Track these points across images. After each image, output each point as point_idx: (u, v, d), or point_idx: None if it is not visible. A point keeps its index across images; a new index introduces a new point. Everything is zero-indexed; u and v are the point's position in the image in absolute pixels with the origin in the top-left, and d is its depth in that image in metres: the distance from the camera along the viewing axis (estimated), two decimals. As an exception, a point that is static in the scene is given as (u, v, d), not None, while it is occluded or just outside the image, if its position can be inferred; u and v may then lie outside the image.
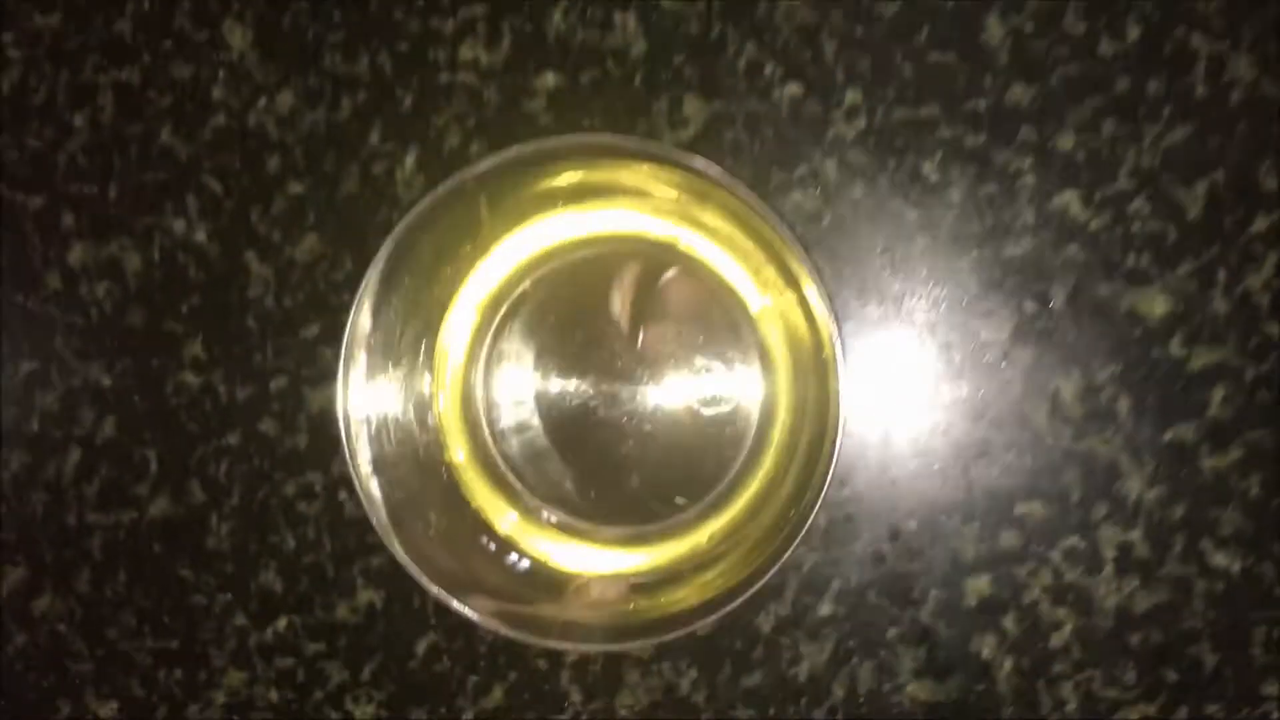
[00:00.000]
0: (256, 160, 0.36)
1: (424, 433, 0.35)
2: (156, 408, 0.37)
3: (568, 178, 0.33)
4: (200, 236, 0.37)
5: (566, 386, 0.35)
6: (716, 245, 0.34)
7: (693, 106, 0.35)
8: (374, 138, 0.36)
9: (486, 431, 0.36)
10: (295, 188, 0.36)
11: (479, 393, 0.36)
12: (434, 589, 0.32)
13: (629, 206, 0.34)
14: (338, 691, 0.37)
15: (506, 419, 0.36)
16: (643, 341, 0.35)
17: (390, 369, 0.34)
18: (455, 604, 0.32)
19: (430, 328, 0.35)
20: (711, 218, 0.34)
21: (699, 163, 0.30)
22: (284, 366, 0.37)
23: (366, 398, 0.33)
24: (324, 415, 0.37)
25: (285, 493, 0.37)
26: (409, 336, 0.34)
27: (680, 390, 0.35)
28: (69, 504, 0.38)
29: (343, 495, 0.37)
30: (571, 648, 0.35)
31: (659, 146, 0.31)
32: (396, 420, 0.34)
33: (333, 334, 0.36)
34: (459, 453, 0.35)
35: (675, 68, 0.35)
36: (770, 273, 0.34)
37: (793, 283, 0.33)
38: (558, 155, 0.31)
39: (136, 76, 0.37)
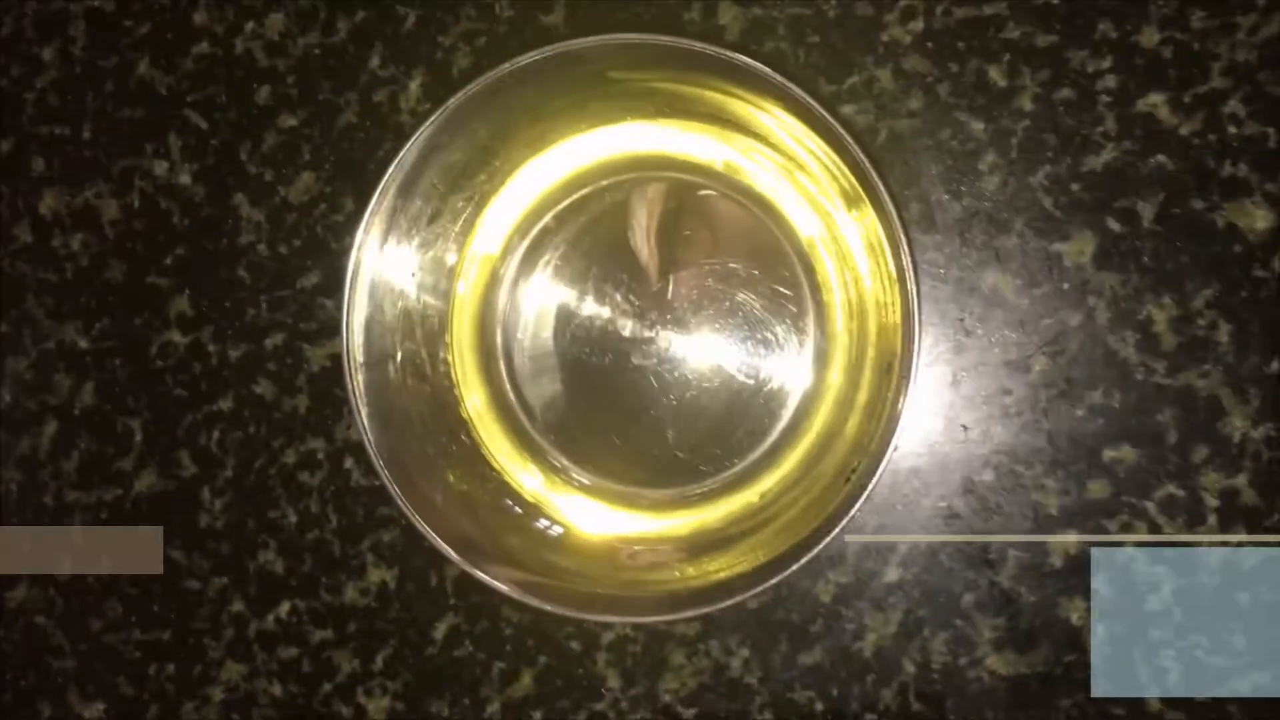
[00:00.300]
0: (245, 91, 0.34)
1: (438, 381, 0.31)
2: (140, 372, 0.35)
3: (590, 92, 0.30)
4: (184, 179, 0.35)
5: (595, 333, 0.32)
6: (763, 162, 0.31)
7: (729, 13, 0.32)
8: (374, 62, 0.34)
9: (505, 380, 0.32)
10: (288, 121, 0.34)
11: (498, 339, 0.32)
12: (454, 555, 0.28)
13: (663, 123, 0.31)
14: (348, 683, 0.35)
15: (528, 367, 0.32)
16: (681, 280, 0.32)
17: (397, 313, 0.31)
18: (481, 575, 0.28)
19: (442, 265, 0.31)
20: (757, 134, 0.30)
21: (743, 61, 0.27)
22: (280, 321, 0.34)
23: (372, 343, 0.30)
24: (327, 374, 0.34)
25: (285, 462, 0.35)
26: (418, 277, 0.31)
27: (723, 335, 0.32)
28: (45, 482, 0.36)
29: (349, 463, 0.34)
30: (615, 620, 0.32)
31: (699, 44, 0.28)
32: (409, 369, 0.31)
33: (334, 283, 0.34)
34: (474, 400, 0.32)
35: (709, -30, 0.32)
36: (824, 191, 0.30)
37: (852, 201, 0.29)
38: (583, 60, 0.28)
39: (110, 3, 0.35)
